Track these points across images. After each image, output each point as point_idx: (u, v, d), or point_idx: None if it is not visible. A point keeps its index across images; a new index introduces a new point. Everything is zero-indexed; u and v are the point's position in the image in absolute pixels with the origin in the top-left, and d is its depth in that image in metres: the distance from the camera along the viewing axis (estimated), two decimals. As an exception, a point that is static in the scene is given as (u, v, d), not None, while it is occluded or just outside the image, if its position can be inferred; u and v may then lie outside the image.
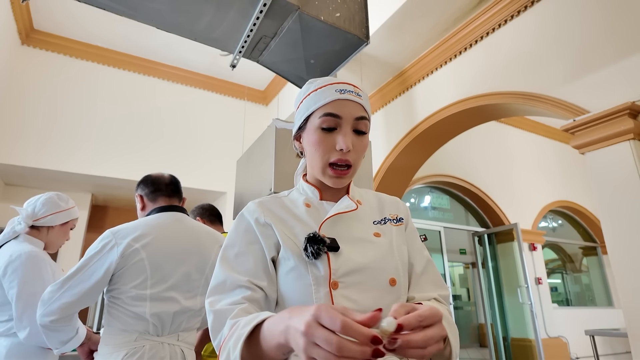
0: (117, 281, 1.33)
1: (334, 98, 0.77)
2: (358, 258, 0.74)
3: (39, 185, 4.60)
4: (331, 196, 0.84)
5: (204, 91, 5.31)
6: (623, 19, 2.43)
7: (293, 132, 0.87)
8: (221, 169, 4.91)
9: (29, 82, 4.24)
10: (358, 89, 0.80)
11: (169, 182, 1.57)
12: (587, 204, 6.88)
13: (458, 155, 5.66)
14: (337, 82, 0.80)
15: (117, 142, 4.51)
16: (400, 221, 0.86)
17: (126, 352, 1.27)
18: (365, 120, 0.79)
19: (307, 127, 0.81)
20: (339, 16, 1.88)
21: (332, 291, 0.70)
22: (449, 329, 0.64)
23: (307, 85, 0.84)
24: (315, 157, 0.79)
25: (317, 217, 0.79)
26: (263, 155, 2.27)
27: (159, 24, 1.88)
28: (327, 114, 0.77)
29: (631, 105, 2.30)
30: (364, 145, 0.80)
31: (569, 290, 7.02)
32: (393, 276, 0.75)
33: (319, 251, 0.71)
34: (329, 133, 0.77)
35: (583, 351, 5.69)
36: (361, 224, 0.81)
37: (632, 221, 2.25)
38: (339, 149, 0.76)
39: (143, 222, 1.42)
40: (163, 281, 1.36)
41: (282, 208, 0.82)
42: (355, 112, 0.78)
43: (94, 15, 4.06)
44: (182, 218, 1.52)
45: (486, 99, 3.23)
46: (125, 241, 1.33)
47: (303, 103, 0.83)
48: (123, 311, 1.32)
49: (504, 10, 3.16)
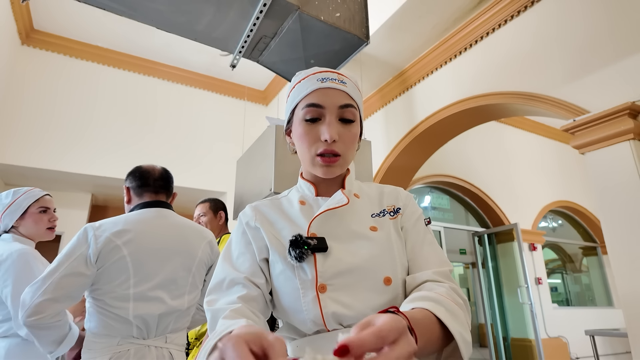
0: (98, 280, 1.28)
1: (315, 87, 0.74)
2: (348, 258, 0.71)
3: (38, 185, 4.56)
4: (327, 191, 0.81)
5: (204, 91, 5.31)
6: (623, 19, 2.43)
7: (284, 127, 0.85)
8: (221, 169, 4.91)
9: (29, 82, 4.24)
10: (343, 75, 0.77)
11: (159, 177, 1.50)
12: (587, 204, 6.88)
13: (458, 155, 5.66)
14: (320, 71, 0.77)
15: (117, 142, 4.51)
16: (397, 212, 0.81)
17: (110, 357, 1.22)
18: (352, 108, 0.75)
19: (293, 120, 0.79)
20: (339, 16, 1.88)
21: (320, 295, 0.67)
22: (450, 317, 0.57)
23: (294, 78, 0.81)
24: (303, 150, 0.76)
25: (310, 214, 0.77)
26: (263, 155, 2.27)
27: (159, 24, 1.88)
28: (309, 105, 0.74)
29: (631, 105, 2.30)
30: (353, 135, 0.76)
31: (569, 290, 7.02)
32: (388, 275, 0.71)
33: (302, 255, 0.68)
34: (314, 124, 0.74)
35: (583, 351, 5.68)
36: (357, 218, 0.77)
37: (632, 221, 2.25)
38: (323, 139, 0.72)
39: (124, 218, 1.36)
40: (147, 280, 1.31)
41: (276, 209, 0.81)
42: (338, 100, 0.74)
43: (94, 15, 4.06)
44: (167, 214, 1.46)
45: (486, 99, 3.23)
46: (105, 235, 1.28)
47: (289, 97, 0.80)
48: (105, 313, 1.27)
49: (504, 10, 3.16)
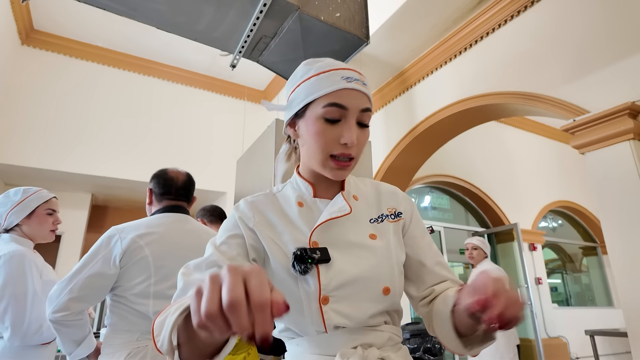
0: (120, 278, 1.34)
1: (341, 87, 0.69)
2: (350, 269, 0.69)
3: (39, 185, 4.57)
4: (325, 192, 0.79)
5: (204, 91, 5.31)
6: (623, 19, 2.43)
7: (285, 116, 0.79)
8: (221, 169, 4.90)
9: (28, 82, 4.23)
10: (363, 77, 0.73)
11: (181, 185, 1.55)
12: (587, 204, 6.87)
13: (458, 155, 5.65)
14: (343, 68, 0.72)
15: (117, 142, 4.51)
16: (399, 216, 0.79)
17: (129, 352, 1.27)
18: (369, 112, 0.73)
19: (306, 115, 0.73)
20: (339, 16, 1.87)
21: (322, 307, 0.67)
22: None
23: (305, 67, 0.75)
24: (315, 148, 0.72)
25: (310, 219, 0.74)
26: (263, 155, 2.27)
27: (159, 24, 1.88)
28: (333, 104, 0.69)
29: (631, 105, 2.29)
30: (366, 138, 0.74)
31: (569, 290, 7.01)
32: (387, 285, 0.70)
33: (307, 269, 0.67)
34: (333, 124, 0.70)
35: (583, 351, 5.68)
36: (356, 225, 0.75)
37: (632, 221, 2.25)
38: (344, 142, 0.69)
39: (146, 222, 1.44)
40: (166, 279, 1.37)
41: (273, 208, 0.77)
42: (361, 103, 0.71)
43: (94, 15, 4.05)
44: (185, 219, 1.53)
45: (486, 99, 3.23)
46: (129, 236, 1.35)
47: (301, 87, 0.74)
48: (127, 309, 1.32)
49: (503, 10, 3.16)
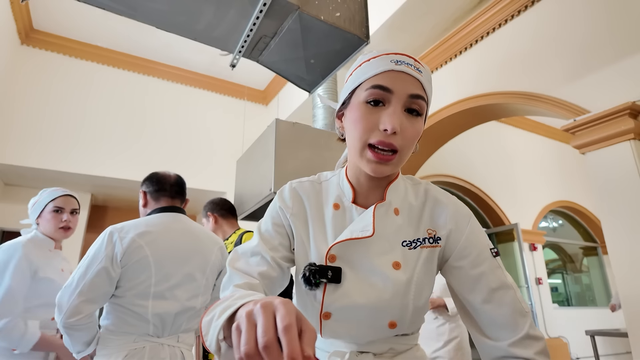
0: (121, 278, 1.32)
1: (387, 69, 0.64)
2: (357, 296, 0.66)
3: (38, 185, 4.59)
4: (365, 198, 0.73)
5: (204, 91, 5.30)
6: (623, 19, 2.43)
7: (336, 109, 0.75)
8: (221, 169, 4.90)
9: (28, 82, 4.23)
10: (419, 63, 0.67)
11: (174, 182, 1.58)
12: (587, 204, 6.87)
13: (458, 155, 5.65)
14: (395, 53, 0.66)
15: (117, 142, 4.51)
16: (437, 242, 0.70)
17: (126, 354, 1.27)
18: (422, 101, 0.65)
19: (351, 101, 0.68)
20: (339, 16, 1.87)
21: (323, 321, 0.67)
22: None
23: (361, 57, 0.71)
24: (354, 136, 0.66)
25: (341, 226, 0.71)
26: (263, 155, 2.27)
27: (159, 24, 1.87)
28: (376, 86, 0.64)
29: (631, 105, 2.29)
30: (416, 131, 0.65)
31: (570, 291, 7.01)
32: (394, 320, 0.66)
33: (317, 285, 0.66)
34: (375, 108, 0.64)
35: (583, 351, 5.68)
36: (383, 247, 0.68)
37: (633, 221, 2.25)
38: (383, 129, 0.62)
39: (145, 221, 1.42)
40: (166, 279, 1.36)
41: (315, 201, 0.75)
42: (410, 88, 0.64)
43: (94, 15, 4.05)
44: (183, 219, 1.53)
45: (486, 99, 3.22)
46: (129, 236, 1.33)
47: (352, 76, 0.70)
48: (124, 311, 1.31)
49: (504, 10, 3.16)
